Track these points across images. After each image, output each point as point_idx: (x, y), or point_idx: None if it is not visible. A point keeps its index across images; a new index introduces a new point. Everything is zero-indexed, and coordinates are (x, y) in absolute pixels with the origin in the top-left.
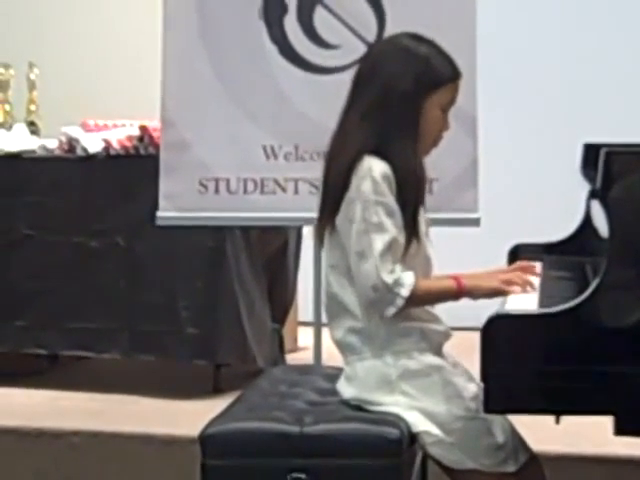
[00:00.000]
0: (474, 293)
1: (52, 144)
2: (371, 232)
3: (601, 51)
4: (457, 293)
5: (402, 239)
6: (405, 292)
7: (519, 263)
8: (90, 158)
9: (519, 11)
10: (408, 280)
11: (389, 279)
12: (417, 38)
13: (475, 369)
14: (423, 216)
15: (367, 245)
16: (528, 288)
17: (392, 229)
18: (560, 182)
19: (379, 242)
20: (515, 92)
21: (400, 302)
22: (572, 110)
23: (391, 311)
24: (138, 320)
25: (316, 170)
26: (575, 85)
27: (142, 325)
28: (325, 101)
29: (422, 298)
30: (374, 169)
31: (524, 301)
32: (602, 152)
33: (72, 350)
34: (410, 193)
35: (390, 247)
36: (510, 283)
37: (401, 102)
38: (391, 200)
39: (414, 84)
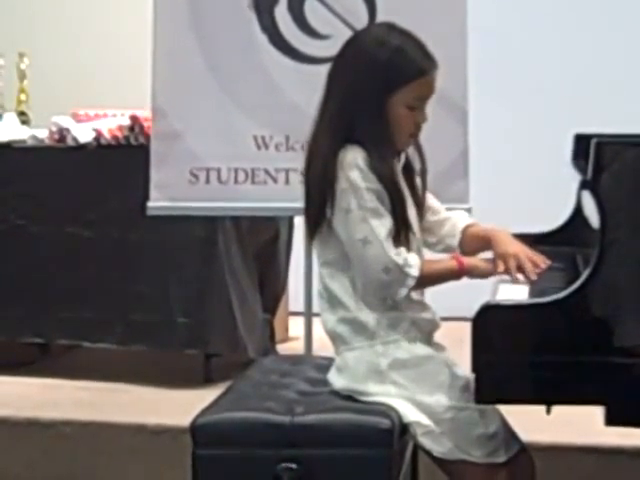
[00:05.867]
0: (474, 272)
1: (42, 134)
2: (370, 218)
3: (593, 44)
4: (459, 272)
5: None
6: (415, 272)
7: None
8: (81, 148)
9: (514, 3)
10: (415, 260)
11: (399, 260)
12: (388, 32)
13: (466, 359)
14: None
15: (369, 231)
16: (523, 277)
17: (386, 214)
18: (551, 173)
19: (380, 227)
20: (506, 83)
21: (411, 282)
22: (563, 101)
23: (403, 292)
24: (131, 310)
25: None
26: (567, 77)
27: (135, 315)
28: (316, 91)
29: (427, 278)
30: (357, 157)
31: (515, 291)
32: (593, 143)
33: (67, 339)
34: (390, 193)
35: (390, 231)
36: (519, 267)
37: (364, 105)
38: (379, 186)
39: (373, 87)
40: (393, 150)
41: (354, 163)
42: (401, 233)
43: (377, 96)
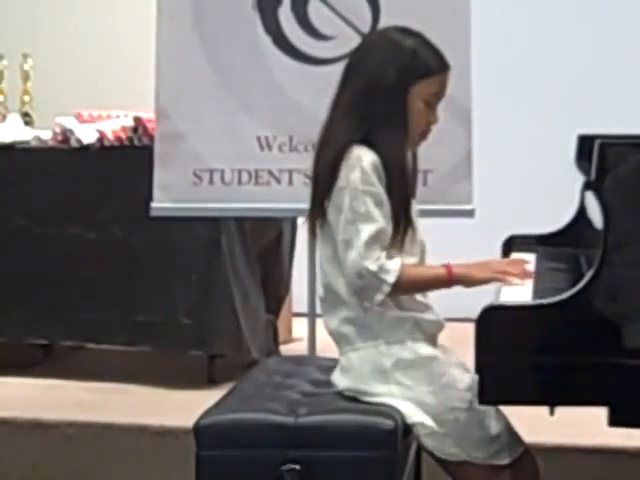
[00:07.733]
0: (465, 282)
1: (46, 135)
2: (358, 221)
3: (596, 44)
4: (447, 281)
5: (390, 229)
6: (390, 278)
7: (513, 258)
8: (84, 149)
9: (517, 4)
10: (393, 266)
11: (373, 266)
12: (405, 31)
13: (469, 360)
14: (414, 206)
15: (354, 234)
16: (523, 279)
17: (380, 219)
18: (555, 174)
19: (365, 231)
20: (510, 84)
21: (386, 288)
22: (567, 102)
23: (378, 297)
24: (134, 311)
25: (310, 161)
26: (570, 77)
27: (138, 316)
28: (319, 92)
29: (410, 285)
30: (363, 159)
31: (518, 292)
32: (596, 143)
33: (72, 341)
34: (398, 183)
35: (376, 237)
36: (505, 274)
37: (385, 94)
38: (380, 190)
39: (397, 75)
40: (406, 145)
41: (358, 164)
42: (399, 234)
43: (399, 84)
